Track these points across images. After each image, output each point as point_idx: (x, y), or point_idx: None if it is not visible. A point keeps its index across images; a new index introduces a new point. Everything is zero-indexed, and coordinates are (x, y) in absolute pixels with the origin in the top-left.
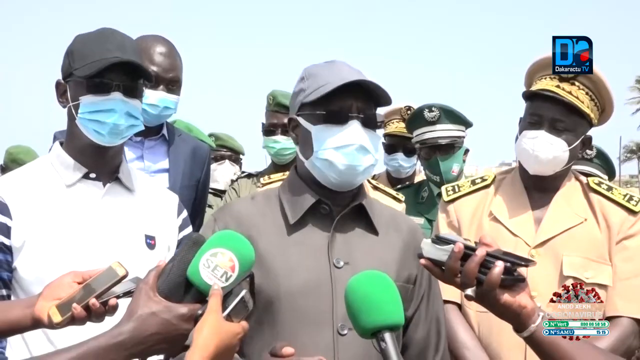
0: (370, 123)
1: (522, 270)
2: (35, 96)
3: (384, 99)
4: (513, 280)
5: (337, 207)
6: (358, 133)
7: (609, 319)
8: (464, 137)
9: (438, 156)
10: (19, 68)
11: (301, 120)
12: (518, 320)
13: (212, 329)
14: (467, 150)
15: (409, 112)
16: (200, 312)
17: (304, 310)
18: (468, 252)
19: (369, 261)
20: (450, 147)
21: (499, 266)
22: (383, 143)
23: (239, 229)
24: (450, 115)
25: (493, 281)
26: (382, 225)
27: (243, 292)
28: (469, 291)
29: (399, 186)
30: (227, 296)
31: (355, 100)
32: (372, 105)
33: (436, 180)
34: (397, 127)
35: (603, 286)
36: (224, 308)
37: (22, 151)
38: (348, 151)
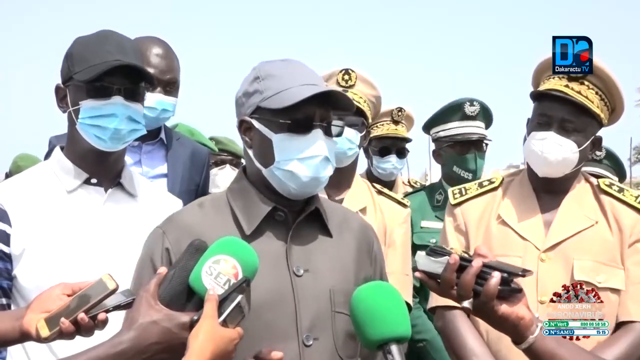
0: (330, 131)
1: (519, 280)
2: (36, 97)
3: (347, 106)
4: (510, 291)
5: (293, 213)
6: (322, 144)
7: (622, 324)
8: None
9: (475, 152)
10: (19, 69)
11: (257, 124)
12: (516, 331)
13: (208, 334)
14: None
15: (400, 113)
16: (196, 317)
17: (267, 322)
18: (464, 264)
19: (329, 266)
20: (482, 145)
21: (495, 277)
22: (372, 147)
23: (190, 240)
24: (487, 114)
25: (490, 292)
26: (336, 226)
27: (239, 298)
28: (466, 303)
29: (410, 191)
30: (223, 302)
31: (319, 108)
32: (331, 111)
33: (467, 177)
34: (389, 129)
35: (616, 290)
36: (219, 314)
37: (29, 164)
38: (312, 163)
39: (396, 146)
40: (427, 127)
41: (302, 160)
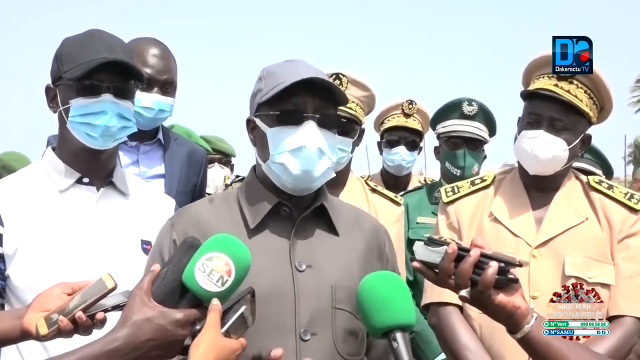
0: (328, 123)
1: (515, 271)
2: (31, 96)
3: (340, 99)
4: (507, 281)
5: (298, 209)
6: (313, 134)
7: (612, 318)
8: (487, 142)
9: (466, 149)
10: (16, 68)
11: (258, 121)
12: (511, 321)
13: (210, 344)
14: (485, 157)
15: (410, 106)
16: (198, 327)
17: (266, 316)
18: (462, 254)
19: (332, 263)
20: (478, 145)
21: (493, 266)
22: (382, 140)
23: (197, 233)
24: (487, 116)
25: (487, 281)
26: (344, 225)
27: (242, 309)
28: (463, 292)
29: (409, 189)
30: (226, 312)
31: (312, 99)
32: (331, 105)
33: (456, 174)
34: (399, 120)
35: (606, 285)
36: (223, 324)
37: (14, 158)
38: (303, 154)
39: (405, 138)
40: (432, 124)
41: (293, 152)
